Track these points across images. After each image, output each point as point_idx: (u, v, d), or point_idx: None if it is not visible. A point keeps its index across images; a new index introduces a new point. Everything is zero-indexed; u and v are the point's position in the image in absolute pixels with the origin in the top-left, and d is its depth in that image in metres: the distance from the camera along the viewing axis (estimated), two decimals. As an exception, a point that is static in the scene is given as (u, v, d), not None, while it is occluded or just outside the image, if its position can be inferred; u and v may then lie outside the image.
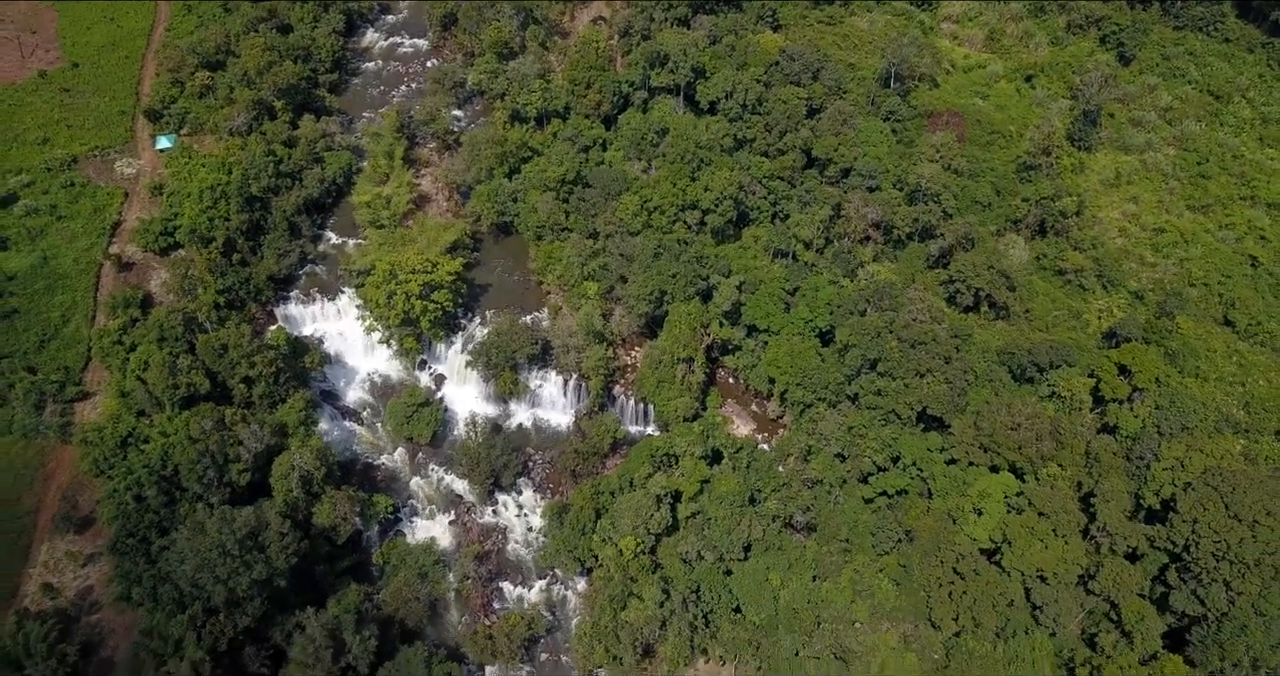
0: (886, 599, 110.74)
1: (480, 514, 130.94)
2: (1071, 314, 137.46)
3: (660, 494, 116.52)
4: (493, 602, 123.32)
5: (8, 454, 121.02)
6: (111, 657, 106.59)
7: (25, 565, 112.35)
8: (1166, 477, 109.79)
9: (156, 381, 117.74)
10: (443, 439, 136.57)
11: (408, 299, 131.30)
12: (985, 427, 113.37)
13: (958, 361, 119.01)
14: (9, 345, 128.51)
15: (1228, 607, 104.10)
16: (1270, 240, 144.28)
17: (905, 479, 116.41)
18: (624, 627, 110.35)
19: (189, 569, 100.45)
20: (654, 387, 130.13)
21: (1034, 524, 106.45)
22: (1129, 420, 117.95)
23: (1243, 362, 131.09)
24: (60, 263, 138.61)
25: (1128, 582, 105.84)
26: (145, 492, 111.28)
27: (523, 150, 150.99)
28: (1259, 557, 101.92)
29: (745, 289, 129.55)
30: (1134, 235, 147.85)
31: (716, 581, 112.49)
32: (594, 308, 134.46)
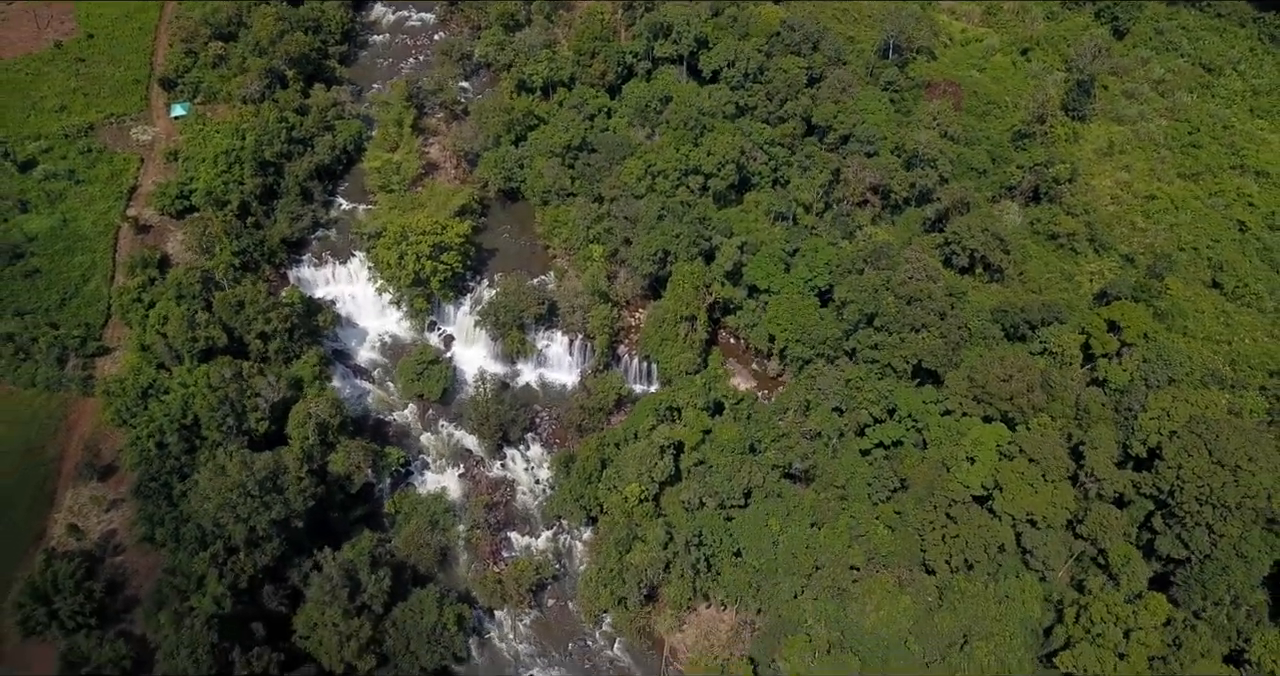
0: (882, 544, 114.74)
1: (489, 467, 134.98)
2: (1064, 276, 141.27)
3: (664, 444, 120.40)
4: (501, 551, 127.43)
5: (31, 405, 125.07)
6: (135, 596, 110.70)
7: (51, 510, 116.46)
8: (1153, 427, 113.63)
9: (176, 335, 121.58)
10: (452, 396, 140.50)
11: (418, 259, 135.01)
12: (978, 379, 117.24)
13: (952, 317, 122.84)
14: (31, 303, 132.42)
15: (1210, 550, 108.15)
16: (1258, 206, 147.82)
17: (901, 430, 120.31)
18: (629, 569, 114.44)
19: (211, 508, 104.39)
20: (657, 346, 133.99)
21: (1024, 469, 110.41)
22: (1117, 374, 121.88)
23: (1229, 322, 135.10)
24: (79, 225, 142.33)
25: (1114, 526, 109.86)
26: (167, 440, 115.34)
27: (529, 118, 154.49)
28: (1240, 501, 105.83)
29: (746, 250, 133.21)
30: (1126, 202, 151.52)
31: (718, 526, 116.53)
32: (599, 269, 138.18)
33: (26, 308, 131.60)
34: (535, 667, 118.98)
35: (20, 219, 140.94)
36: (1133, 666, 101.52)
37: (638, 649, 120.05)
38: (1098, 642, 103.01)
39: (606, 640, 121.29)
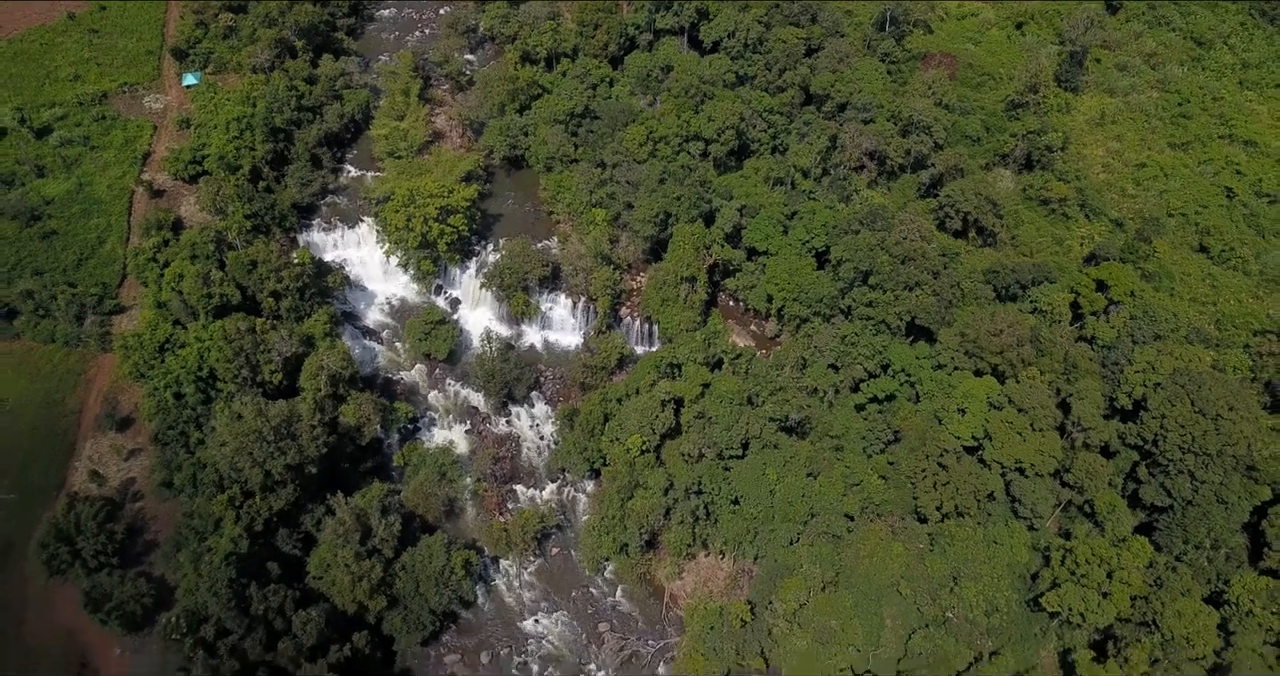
0: (875, 493, 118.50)
1: (495, 424, 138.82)
2: (1055, 240, 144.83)
3: (664, 398, 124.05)
4: (507, 503, 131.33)
5: (51, 360, 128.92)
6: (154, 540, 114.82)
7: (72, 459, 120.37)
8: (1138, 379, 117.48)
9: (191, 292, 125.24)
10: (458, 356, 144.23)
11: (425, 221, 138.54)
12: (970, 334, 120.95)
13: (945, 276, 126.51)
14: (49, 263, 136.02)
15: (1192, 496, 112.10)
16: (1246, 174, 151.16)
17: (894, 384, 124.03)
18: (630, 516, 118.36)
19: (228, 452, 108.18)
20: (658, 306, 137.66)
21: (1013, 419, 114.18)
22: (1105, 330, 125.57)
23: (1215, 284, 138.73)
24: (95, 189, 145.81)
25: (1100, 474, 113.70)
26: (183, 390, 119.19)
27: (533, 88, 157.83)
28: (1221, 448, 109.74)
29: (746, 213, 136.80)
30: (1116, 170, 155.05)
31: (717, 475, 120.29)
32: (601, 233, 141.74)
33: (45, 268, 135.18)
34: (540, 613, 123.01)
35: (37, 183, 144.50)
36: (1115, 604, 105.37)
37: (639, 595, 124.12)
38: (1082, 582, 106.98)
39: (609, 587, 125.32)
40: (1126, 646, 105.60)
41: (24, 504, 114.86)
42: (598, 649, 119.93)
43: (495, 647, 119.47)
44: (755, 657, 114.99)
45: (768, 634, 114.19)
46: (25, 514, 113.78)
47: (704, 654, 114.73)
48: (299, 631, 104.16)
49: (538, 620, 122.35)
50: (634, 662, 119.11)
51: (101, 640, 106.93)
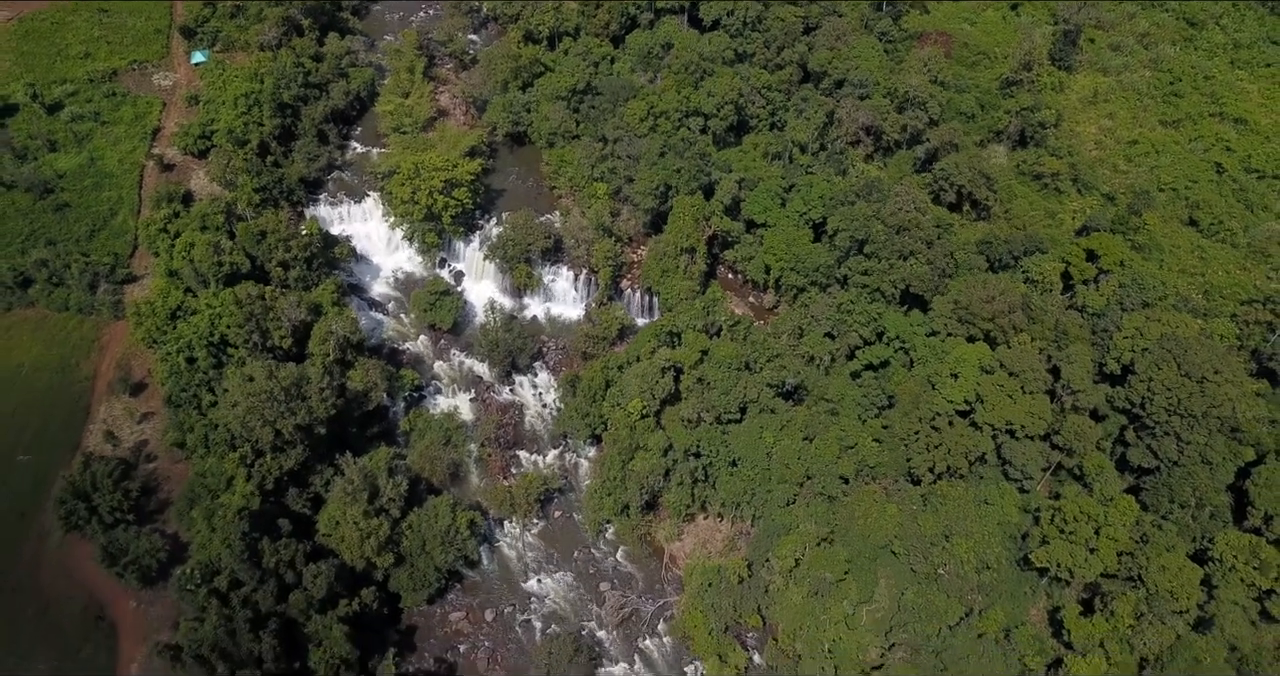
0: (870, 455, 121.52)
1: (498, 392, 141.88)
2: (1047, 214, 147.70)
3: (664, 365, 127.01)
4: (510, 468, 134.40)
5: (65, 328, 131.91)
6: (167, 499, 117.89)
7: (86, 422, 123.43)
8: (1126, 345, 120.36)
9: (202, 260, 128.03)
10: (462, 328, 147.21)
11: (430, 194, 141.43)
12: (963, 301, 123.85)
13: (939, 246, 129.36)
14: (63, 234, 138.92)
15: (1178, 457, 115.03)
16: (1236, 151, 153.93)
17: (889, 351, 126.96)
18: (631, 477, 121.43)
19: (240, 412, 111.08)
20: (659, 277, 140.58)
21: (1004, 382, 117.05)
22: (1094, 298, 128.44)
23: (1204, 256, 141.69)
24: (106, 163, 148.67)
25: (1089, 435, 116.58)
26: (195, 355, 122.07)
27: (536, 66, 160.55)
28: (1206, 410, 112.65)
29: (744, 186, 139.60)
30: (1109, 147, 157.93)
31: (715, 439, 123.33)
32: (603, 206, 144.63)
33: (58, 238, 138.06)
34: (542, 573, 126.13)
35: (50, 157, 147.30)
36: (1102, 560, 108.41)
37: (639, 556, 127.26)
38: (1070, 539, 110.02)
39: (609, 548, 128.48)
40: (1112, 600, 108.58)
41: (41, 464, 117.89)
42: (599, 607, 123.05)
43: (499, 605, 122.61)
44: (752, 615, 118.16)
45: (764, 591, 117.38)
46: (42, 473, 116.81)
47: (702, 610, 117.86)
48: (309, 584, 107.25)
49: (540, 580, 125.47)
50: (634, 620, 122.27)
51: (118, 593, 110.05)
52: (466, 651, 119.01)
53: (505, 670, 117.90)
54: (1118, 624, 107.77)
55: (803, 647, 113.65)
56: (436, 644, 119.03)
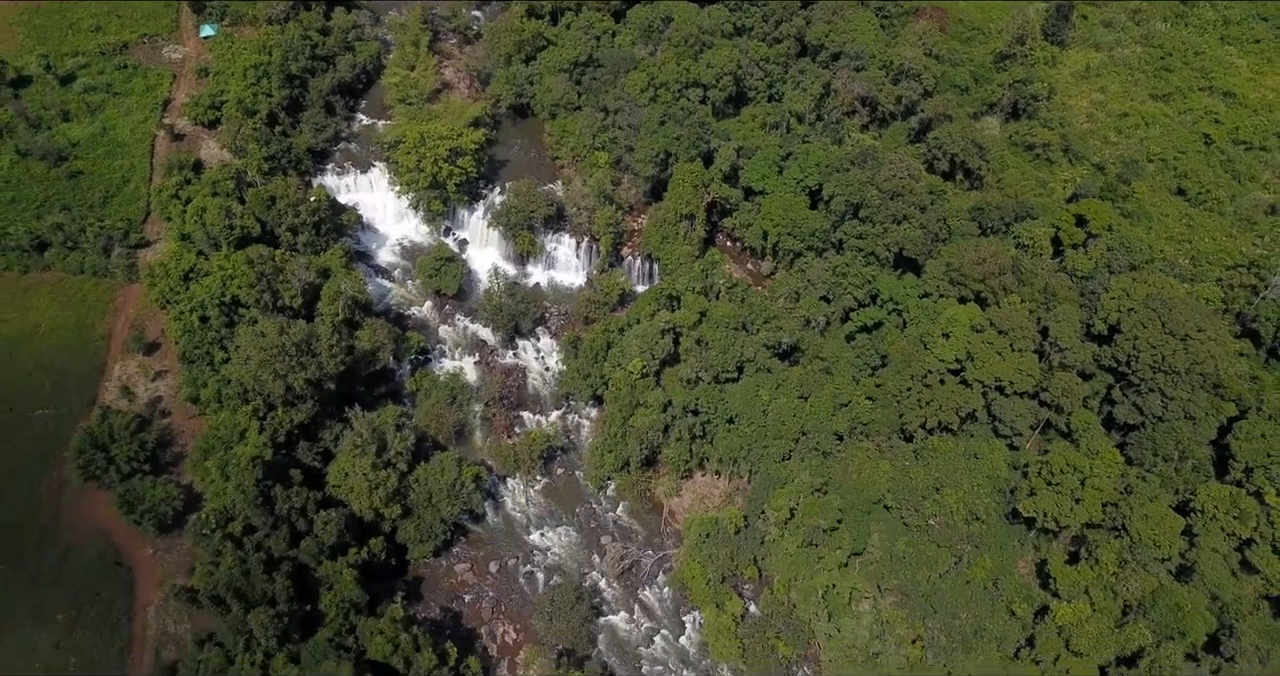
0: (863, 413, 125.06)
1: (502, 356, 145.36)
2: (1039, 183, 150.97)
3: (664, 327, 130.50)
4: (514, 427, 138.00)
5: (81, 290, 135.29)
6: (182, 453, 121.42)
7: (102, 379, 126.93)
8: (1113, 305, 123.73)
9: (214, 223, 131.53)
10: (467, 294, 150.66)
11: (435, 162, 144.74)
12: (955, 264, 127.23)
13: (932, 211, 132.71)
14: (77, 200, 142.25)
15: (1162, 412, 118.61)
16: (1224, 123, 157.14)
17: (882, 313, 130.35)
18: (631, 432, 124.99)
19: (253, 365, 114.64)
20: (659, 244, 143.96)
21: (993, 340, 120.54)
22: (1083, 262, 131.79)
23: (1191, 224, 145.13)
24: (118, 133, 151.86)
25: (1075, 391, 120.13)
26: (208, 313, 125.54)
27: (538, 40, 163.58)
28: (1189, 366, 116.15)
29: (743, 154, 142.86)
30: (1100, 120, 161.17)
31: (713, 397, 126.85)
32: (604, 174, 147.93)
33: (72, 204, 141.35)
34: (545, 527, 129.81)
35: (63, 127, 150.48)
36: (1087, 510, 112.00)
37: (639, 511, 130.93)
38: (1056, 489, 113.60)
39: (610, 504, 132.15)
40: (1097, 548, 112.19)
41: (59, 418, 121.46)
42: (600, 559, 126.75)
43: (503, 558, 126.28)
44: (749, 566, 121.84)
45: (760, 542, 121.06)
46: (61, 426, 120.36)
47: (700, 561, 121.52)
48: (320, 531, 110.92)
49: (543, 533, 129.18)
50: (634, 572, 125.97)
51: (135, 540, 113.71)
52: (471, 601, 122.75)
53: (509, 619, 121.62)
54: (1102, 571, 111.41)
55: (797, 596, 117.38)
56: (442, 594, 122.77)
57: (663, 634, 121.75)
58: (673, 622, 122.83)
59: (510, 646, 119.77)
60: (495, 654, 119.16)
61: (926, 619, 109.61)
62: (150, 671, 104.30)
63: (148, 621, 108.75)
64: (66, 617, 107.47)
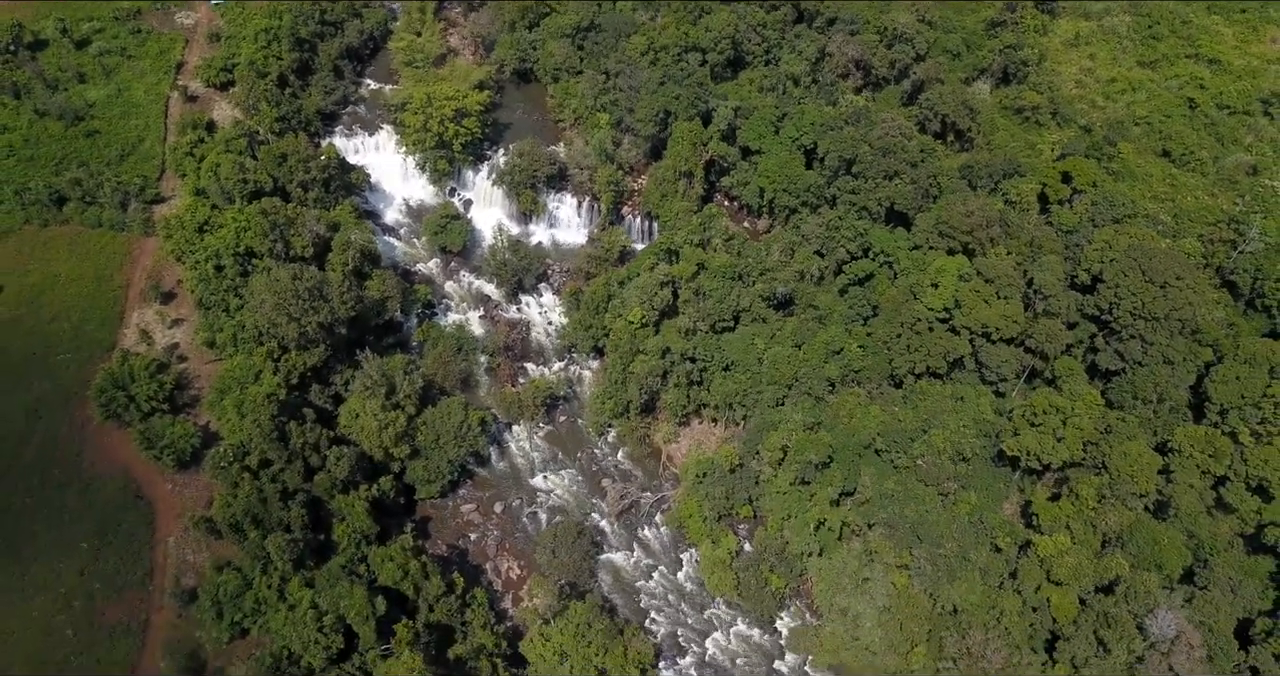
0: (855, 360, 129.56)
1: (506, 310, 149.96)
2: (1027, 145, 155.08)
3: (664, 280, 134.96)
4: (518, 377, 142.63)
5: (99, 243, 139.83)
6: (199, 396, 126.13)
7: (121, 326, 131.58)
8: (1096, 256, 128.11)
9: (228, 177, 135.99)
10: (471, 251, 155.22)
11: (442, 122, 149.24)
12: (944, 217, 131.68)
13: (923, 167, 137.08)
14: (94, 157, 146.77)
15: (1142, 357, 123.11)
16: (1208, 88, 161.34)
17: (874, 265, 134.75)
18: (631, 378, 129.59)
19: (267, 309, 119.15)
20: (658, 201, 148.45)
21: (980, 288, 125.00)
22: (1068, 216, 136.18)
23: (1174, 183, 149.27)
24: (133, 94, 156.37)
25: (1059, 336, 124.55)
26: (223, 263, 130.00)
27: (541, 6, 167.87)
28: (1168, 312, 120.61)
29: (740, 114, 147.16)
30: (1088, 86, 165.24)
31: (710, 345, 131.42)
32: (605, 135, 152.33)
33: (89, 161, 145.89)
34: (548, 470, 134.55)
35: (79, 88, 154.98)
36: (1069, 448, 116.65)
37: (638, 455, 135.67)
38: (1039, 429, 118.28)
39: (611, 449, 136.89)
40: (1077, 485, 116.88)
41: (80, 361, 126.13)
42: (600, 501, 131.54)
43: (508, 499, 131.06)
44: (744, 505, 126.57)
45: (755, 482, 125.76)
46: (82, 369, 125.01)
47: (697, 501, 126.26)
48: (332, 466, 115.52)
49: (546, 476, 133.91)
50: (634, 512, 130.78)
51: (154, 476, 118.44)
52: (477, 539, 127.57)
53: (513, 556, 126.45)
54: (1082, 506, 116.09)
55: (790, 533, 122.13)
56: (449, 532, 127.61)
57: (660, 570, 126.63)
58: (670, 559, 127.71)
59: (514, 581, 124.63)
60: (500, 588, 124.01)
61: (913, 548, 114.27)
62: (171, 595, 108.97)
63: (168, 551, 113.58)
64: (90, 546, 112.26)
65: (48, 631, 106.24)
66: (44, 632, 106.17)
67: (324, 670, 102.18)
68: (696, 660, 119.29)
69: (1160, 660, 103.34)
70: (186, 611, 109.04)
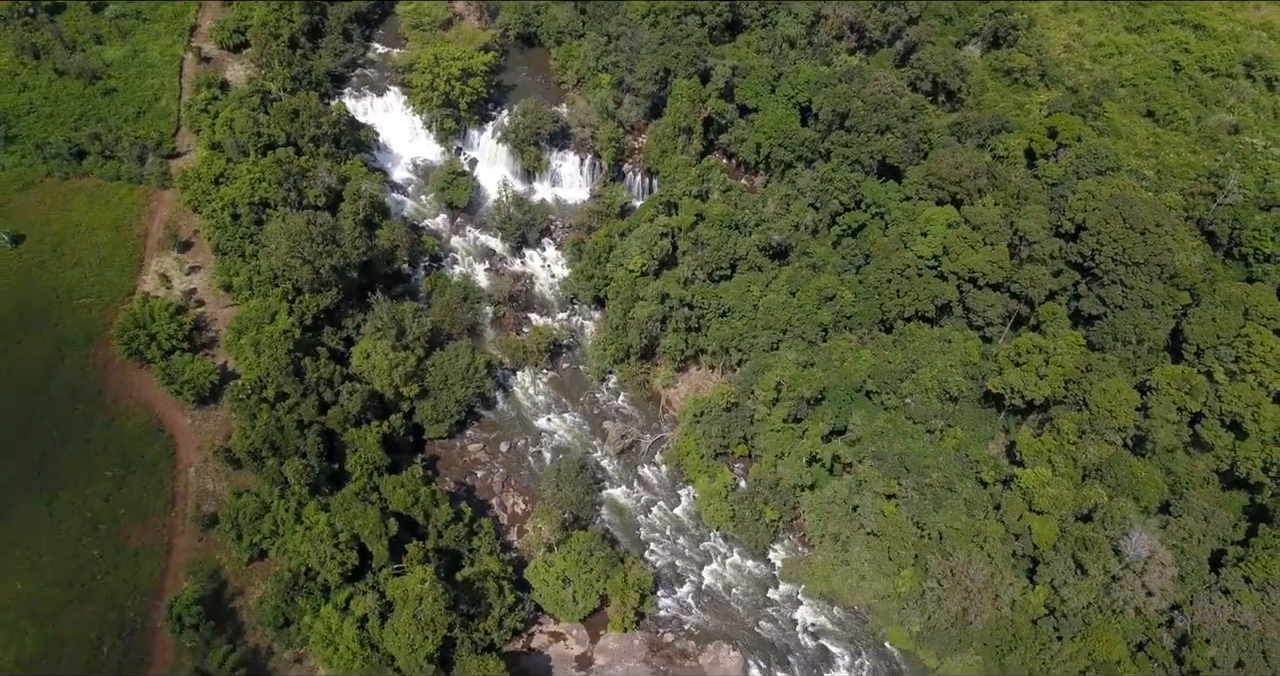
0: (847, 305, 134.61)
1: (510, 263, 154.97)
2: (1016, 105, 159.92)
3: (663, 230, 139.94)
4: (522, 327, 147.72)
5: (117, 194, 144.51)
6: (216, 338, 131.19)
7: (140, 272, 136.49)
8: (1080, 205, 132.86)
9: (243, 130, 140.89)
10: (476, 207, 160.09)
11: (449, 81, 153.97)
12: (933, 169, 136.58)
13: (914, 122, 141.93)
14: (112, 114, 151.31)
15: (1122, 300, 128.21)
16: (1193, 52, 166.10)
17: (866, 216, 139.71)
18: (632, 323, 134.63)
19: (282, 252, 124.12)
20: (658, 157, 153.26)
21: (967, 234, 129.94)
22: (1053, 169, 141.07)
23: (1158, 141, 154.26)
24: (148, 55, 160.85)
25: (1042, 281, 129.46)
26: (239, 211, 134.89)
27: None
28: (1147, 257, 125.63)
29: (738, 73, 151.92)
30: (1076, 50, 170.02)
31: (707, 292, 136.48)
32: (606, 94, 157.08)
33: (107, 117, 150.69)
34: (552, 413, 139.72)
35: (96, 49, 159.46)
36: (1050, 385, 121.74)
37: (638, 399, 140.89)
38: (1023, 368, 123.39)
39: (612, 393, 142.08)
40: (1058, 419, 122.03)
41: (101, 305, 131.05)
42: (602, 441, 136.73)
43: (513, 439, 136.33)
44: (739, 444, 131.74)
45: (750, 421, 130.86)
46: (104, 312, 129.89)
47: (694, 439, 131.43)
48: (345, 401, 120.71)
49: (550, 419, 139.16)
50: (634, 450, 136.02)
51: (174, 412, 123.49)
52: (483, 477, 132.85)
53: (518, 492, 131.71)
54: (1063, 440, 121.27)
55: (783, 468, 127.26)
56: (457, 470, 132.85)
57: (659, 505, 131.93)
58: (669, 495, 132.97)
59: (519, 515, 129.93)
60: (505, 522, 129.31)
61: (900, 478, 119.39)
62: (192, 520, 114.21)
63: (189, 480, 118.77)
64: (115, 475, 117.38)
65: (76, 552, 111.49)
66: (72, 554, 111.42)
67: (339, 586, 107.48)
68: (694, 588, 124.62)
69: (1134, 578, 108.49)
70: (207, 535, 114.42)
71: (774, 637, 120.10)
